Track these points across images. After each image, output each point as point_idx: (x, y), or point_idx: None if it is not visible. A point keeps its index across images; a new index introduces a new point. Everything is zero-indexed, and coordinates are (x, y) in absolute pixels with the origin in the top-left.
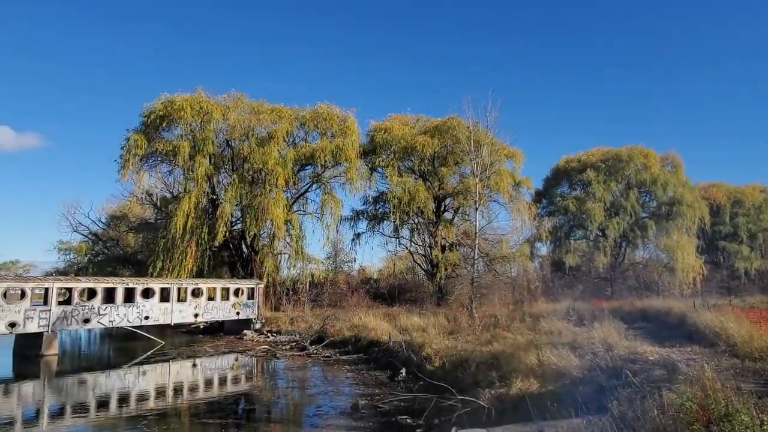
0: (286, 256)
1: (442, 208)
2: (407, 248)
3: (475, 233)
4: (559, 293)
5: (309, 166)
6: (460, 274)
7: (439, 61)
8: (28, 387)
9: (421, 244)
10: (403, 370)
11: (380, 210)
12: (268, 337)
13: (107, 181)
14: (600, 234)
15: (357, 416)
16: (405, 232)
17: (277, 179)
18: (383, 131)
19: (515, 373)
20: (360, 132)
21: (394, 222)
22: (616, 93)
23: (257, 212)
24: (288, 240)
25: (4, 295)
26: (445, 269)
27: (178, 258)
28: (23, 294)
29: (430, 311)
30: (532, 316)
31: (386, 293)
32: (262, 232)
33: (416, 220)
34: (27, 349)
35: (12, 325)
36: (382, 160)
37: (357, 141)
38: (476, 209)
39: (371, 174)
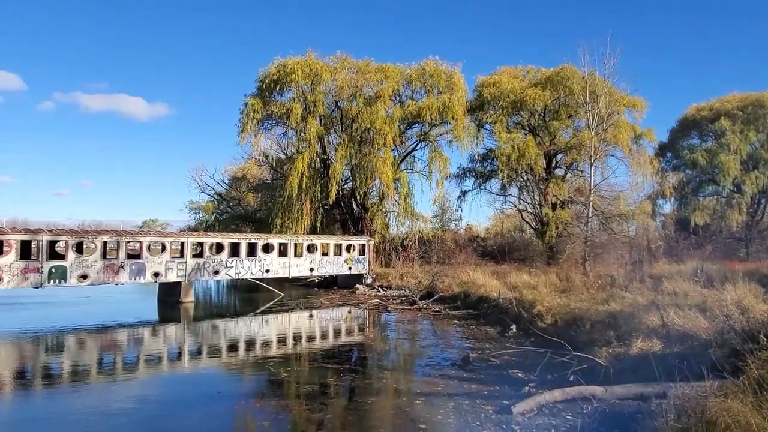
0: (395, 213)
1: (553, 165)
2: (515, 206)
3: (590, 190)
4: (684, 254)
5: (416, 125)
6: (572, 232)
7: (552, 8)
8: (171, 329)
9: (530, 201)
10: (514, 326)
11: (488, 167)
12: (379, 291)
13: (230, 144)
14: (734, 190)
15: (468, 368)
16: (513, 190)
17: (384, 138)
18: (491, 86)
19: (635, 333)
20: (467, 88)
21: (501, 179)
22: (756, 30)
23: (366, 171)
24: (396, 198)
25: (149, 248)
26: (556, 228)
27: (295, 216)
28: (163, 248)
29: (540, 270)
30: (652, 277)
31: (494, 251)
32: (371, 190)
33: (525, 177)
34: (168, 297)
35: (156, 274)
36: (490, 116)
37: (464, 97)
38: (591, 164)
39: (479, 131)
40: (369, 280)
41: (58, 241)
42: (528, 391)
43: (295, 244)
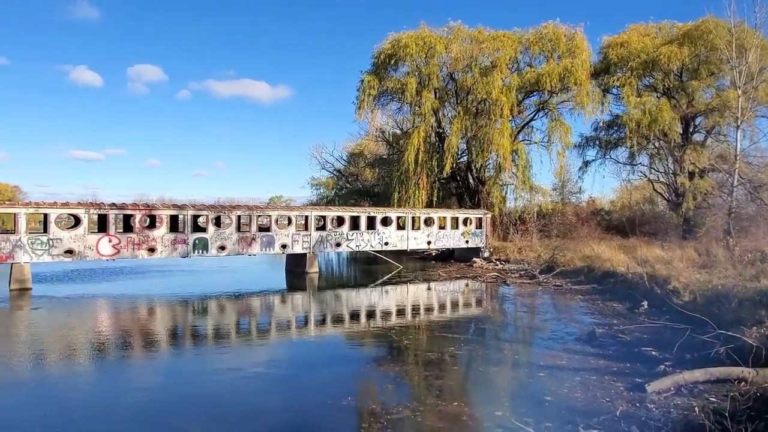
0: (512, 186)
1: (691, 129)
2: (645, 176)
3: (735, 156)
4: None
5: (534, 93)
6: (712, 203)
7: None
8: (298, 298)
9: (662, 171)
10: (645, 303)
11: (613, 135)
12: (497, 265)
13: (347, 121)
14: None
15: (594, 343)
16: (643, 159)
17: (501, 109)
18: (618, 46)
19: None
20: (590, 50)
21: (629, 148)
22: None
23: (482, 143)
24: (514, 170)
25: (276, 222)
26: (694, 198)
27: (412, 189)
28: (289, 221)
29: (674, 244)
30: None
31: (620, 225)
32: (487, 163)
33: (657, 145)
34: (295, 267)
35: (283, 246)
36: (617, 80)
37: (587, 61)
38: (737, 127)
39: (604, 96)
40: (486, 254)
41: (200, 215)
42: (663, 369)
43: (413, 218)
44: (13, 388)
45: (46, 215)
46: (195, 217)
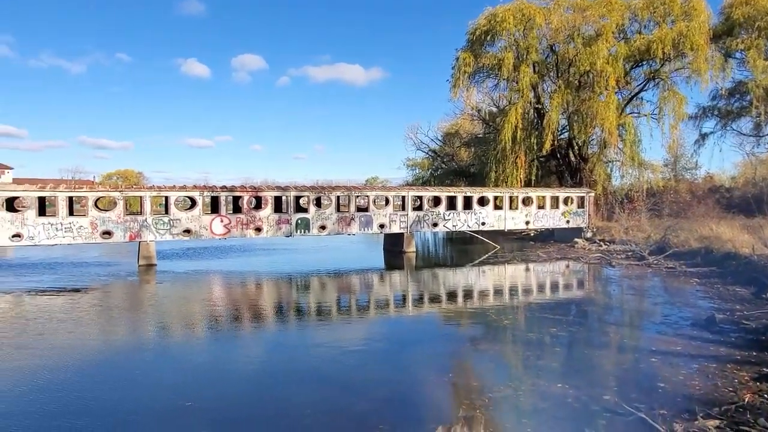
0: (618, 163)
1: None
2: None
3: None
4: None
5: (644, 62)
6: None
7: None
8: (396, 276)
9: None
10: None
11: (735, 104)
12: (600, 245)
13: (442, 100)
14: None
15: (714, 329)
16: None
17: (606, 80)
18: (744, 4)
19: None
20: (709, 12)
21: (755, 118)
22: None
23: (585, 118)
24: (620, 146)
25: (374, 202)
26: None
27: (509, 169)
28: (387, 201)
29: None
30: None
31: (743, 203)
32: (591, 138)
33: None
34: (392, 246)
35: (381, 226)
36: (741, 42)
37: (705, 23)
38: None
39: (725, 61)
40: (588, 234)
41: (302, 196)
42: None
43: (510, 197)
44: (142, 353)
45: (167, 198)
46: (297, 198)
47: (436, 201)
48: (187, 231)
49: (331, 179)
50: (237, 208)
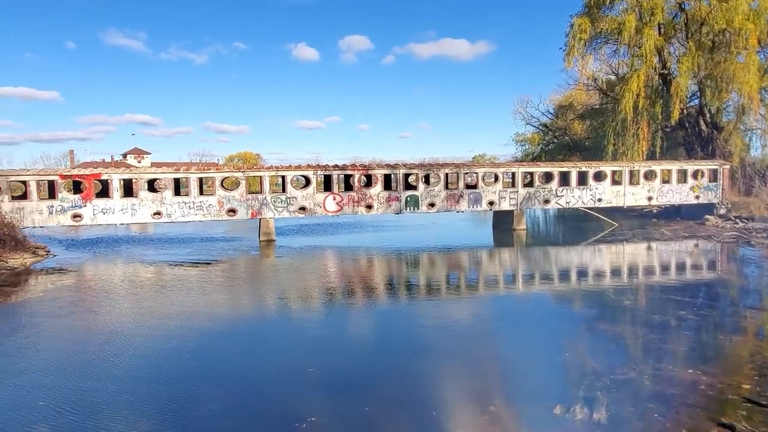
0: (759, 131)
1: None
2: None
3: None
4: None
5: None
6: None
7: None
8: (505, 254)
9: None
10: None
11: None
12: (736, 223)
13: (553, 72)
14: None
15: None
16: None
17: (746, 39)
18: None
19: None
20: None
21: None
22: None
23: (719, 82)
24: (762, 112)
25: (483, 179)
26: None
27: (629, 141)
28: (496, 178)
29: None
30: None
31: None
32: (726, 105)
33: None
34: (502, 224)
35: (490, 203)
36: None
37: None
38: None
39: None
40: (722, 211)
41: (411, 174)
42: None
43: (631, 172)
44: (265, 322)
45: (283, 177)
46: (406, 176)
47: (548, 177)
48: (303, 208)
49: (436, 158)
50: (348, 186)
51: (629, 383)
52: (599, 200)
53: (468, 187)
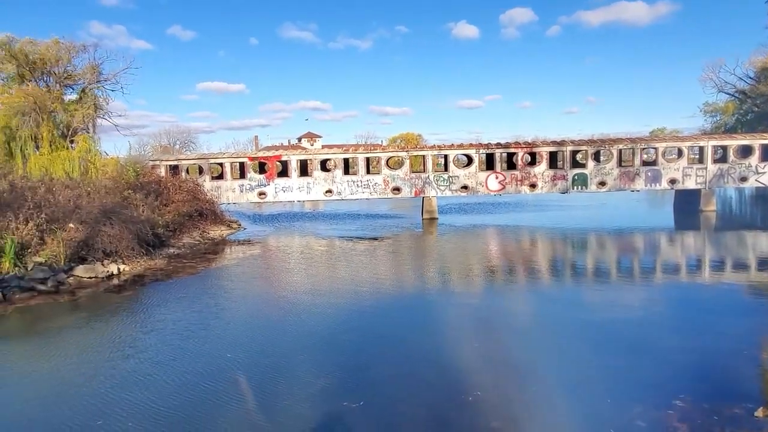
0: None
1: None
2: None
3: None
4: None
5: None
6: None
7: None
8: (689, 238)
9: None
10: None
11: None
12: None
13: (753, 31)
14: None
15: None
16: None
17: None
18: None
19: None
20: None
21: None
22: None
23: None
24: None
25: (663, 154)
26: None
27: None
28: (680, 153)
29: None
30: None
31: None
32: None
33: None
34: (685, 204)
35: (672, 181)
36: None
37: None
38: None
39: None
40: None
41: (579, 151)
42: None
43: None
44: (428, 297)
45: (445, 156)
46: (573, 153)
47: (746, 151)
48: (465, 187)
49: (606, 134)
50: (511, 165)
51: None
52: None
53: (645, 164)
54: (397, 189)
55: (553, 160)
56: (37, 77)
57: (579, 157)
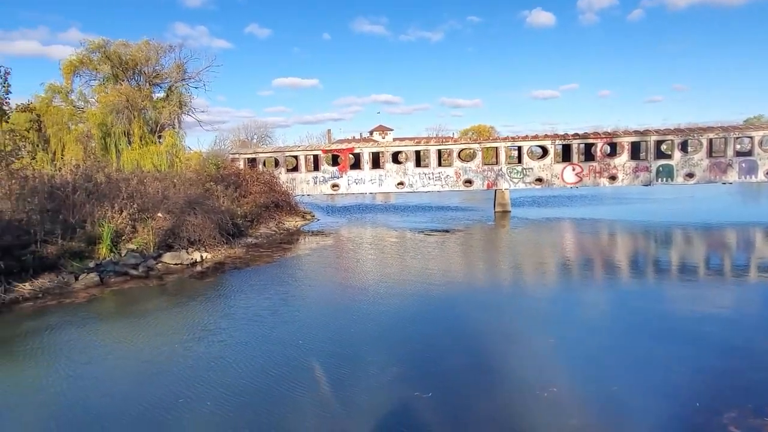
0: None
1: None
2: None
3: None
4: None
5: None
6: None
7: None
8: None
9: None
10: None
11: None
12: None
13: None
14: None
15: None
16: None
17: None
18: None
19: None
20: None
21: None
22: None
23: None
24: None
25: (760, 144)
26: None
27: None
28: None
29: None
30: None
31: None
32: None
33: None
34: None
35: None
36: None
37: None
38: None
39: None
40: None
41: (664, 141)
42: None
43: None
44: (499, 291)
45: (519, 148)
46: (658, 143)
47: None
48: (539, 180)
49: (694, 123)
50: (589, 156)
51: None
52: None
53: (738, 154)
54: (468, 181)
55: (635, 151)
56: (129, 77)
57: (664, 147)
